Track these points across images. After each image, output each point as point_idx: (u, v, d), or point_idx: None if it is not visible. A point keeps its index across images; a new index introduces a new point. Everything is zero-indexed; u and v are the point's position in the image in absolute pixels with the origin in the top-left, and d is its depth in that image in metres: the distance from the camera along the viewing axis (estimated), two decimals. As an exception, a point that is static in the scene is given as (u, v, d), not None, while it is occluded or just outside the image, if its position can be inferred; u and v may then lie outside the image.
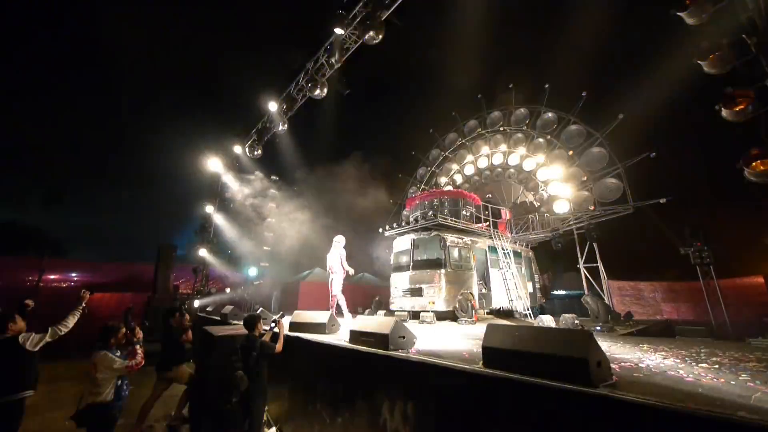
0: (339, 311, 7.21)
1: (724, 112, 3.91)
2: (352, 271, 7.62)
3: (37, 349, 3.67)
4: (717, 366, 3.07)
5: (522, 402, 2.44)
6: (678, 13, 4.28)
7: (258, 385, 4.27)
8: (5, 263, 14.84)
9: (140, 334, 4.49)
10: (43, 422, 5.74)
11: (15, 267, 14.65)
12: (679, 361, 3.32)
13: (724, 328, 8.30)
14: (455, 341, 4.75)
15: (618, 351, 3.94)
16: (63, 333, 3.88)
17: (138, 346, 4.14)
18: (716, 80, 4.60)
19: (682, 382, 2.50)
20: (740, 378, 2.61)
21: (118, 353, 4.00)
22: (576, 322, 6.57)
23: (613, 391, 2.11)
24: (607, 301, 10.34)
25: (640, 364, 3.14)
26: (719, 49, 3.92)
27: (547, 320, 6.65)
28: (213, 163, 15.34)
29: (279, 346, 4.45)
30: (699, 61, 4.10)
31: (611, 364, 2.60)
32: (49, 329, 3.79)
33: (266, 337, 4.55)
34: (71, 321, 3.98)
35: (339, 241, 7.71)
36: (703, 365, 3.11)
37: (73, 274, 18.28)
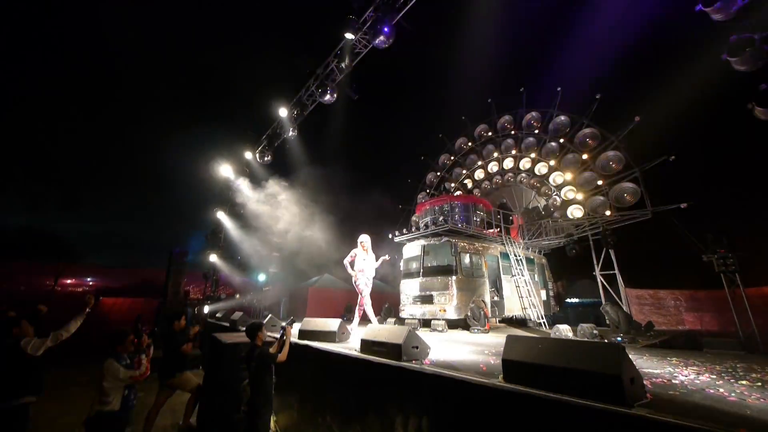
0: (350, 319, 6.97)
1: (758, 111, 3.69)
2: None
3: (39, 353, 3.62)
4: (759, 383, 2.83)
5: (548, 421, 2.26)
6: (704, 9, 4.10)
7: (261, 396, 4.13)
8: (22, 268, 15.18)
9: (147, 342, 4.41)
10: (57, 427, 5.72)
11: (31, 272, 14.97)
12: (715, 377, 3.09)
13: (753, 339, 7.86)
14: (469, 351, 4.57)
15: (645, 365, 3.70)
16: (65, 337, 3.83)
17: (143, 356, 4.05)
18: (738, 79, 4.38)
19: (725, 402, 2.29)
20: (790, 398, 2.39)
21: (126, 361, 3.93)
22: (595, 332, 6.30)
23: (651, 412, 1.93)
24: (625, 309, 9.95)
25: (674, 380, 2.92)
26: (750, 45, 3.72)
27: (564, 330, 6.39)
28: (224, 169, 15.49)
29: (283, 355, 4.23)
30: (729, 58, 3.89)
31: (643, 380, 2.40)
32: (51, 334, 3.76)
33: (276, 345, 4.43)
34: (73, 326, 3.93)
35: (368, 241, 6.78)
36: (744, 382, 2.88)
37: (88, 279, 18.60)
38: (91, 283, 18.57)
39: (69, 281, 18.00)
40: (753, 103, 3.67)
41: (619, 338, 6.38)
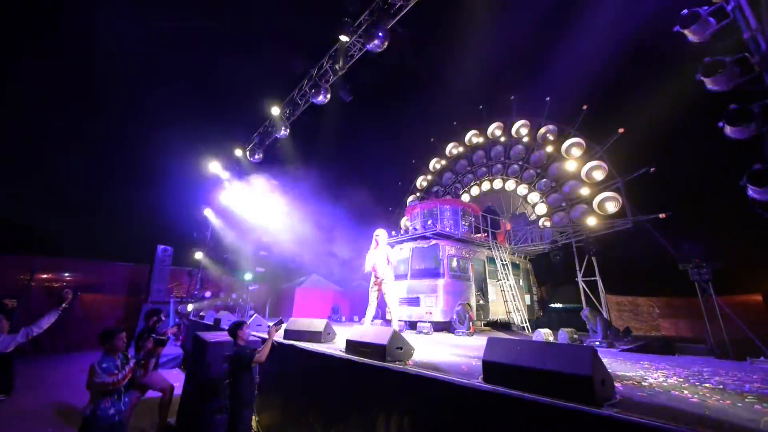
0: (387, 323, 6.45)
1: (728, 129, 3.92)
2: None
3: (9, 350, 3.51)
4: (721, 387, 2.99)
5: (523, 420, 2.36)
6: (681, 30, 4.33)
7: (241, 395, 4.12)
8: (-3, 261, 14.60)
9: (148, 350, 4.27)
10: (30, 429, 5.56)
11: (6, 265, 14.40)
12: (682, 380, 3.25)
13: (723, 346, 8.21)
14: (453, 353, 4.66)
15: (619, 368, 3.86)
16: (36, 334, 3.71)
17: (133, 362, 3.70)
18: (719, 95, 4.62)
19: (687, 403, 2.42)
20: (746, 400, 2.54)
21: (117, 362, 3.74)
22: (575, 336, 6.49)
23: (618, 411, 2.04)
24: (605, 315, 10.25)
25: (643, 383, 3.07)
26: (722, 67, 3.95)
27: (546, 334, 6.56)
28: (213, 166, 15.29)
29: (261, 355, 4.14)
30: (703, 78, 4.12)
31: (614, 382, 2.53)
32: (21, 330, 3.63)
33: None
34: (46, 322, 3.79)
35: (382, 235, 6.29)
36: (707, 385, 3.04)
37: (66, 274, 17.99)
38: (69, 278, 17.95)
39: (46, 276, 17.37)
40: (723, 121, 3.90)
41: (597, 343, 6.58)
